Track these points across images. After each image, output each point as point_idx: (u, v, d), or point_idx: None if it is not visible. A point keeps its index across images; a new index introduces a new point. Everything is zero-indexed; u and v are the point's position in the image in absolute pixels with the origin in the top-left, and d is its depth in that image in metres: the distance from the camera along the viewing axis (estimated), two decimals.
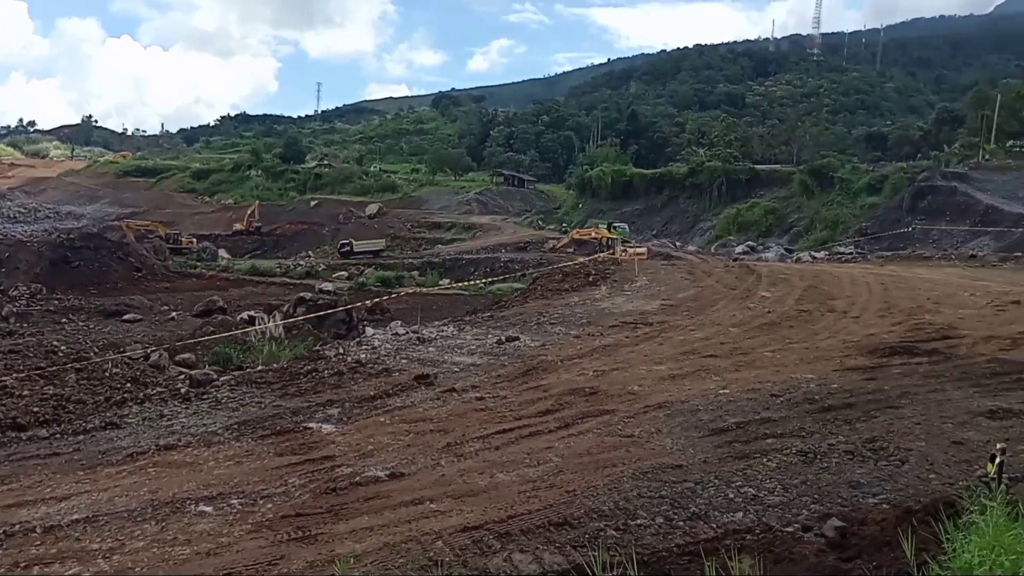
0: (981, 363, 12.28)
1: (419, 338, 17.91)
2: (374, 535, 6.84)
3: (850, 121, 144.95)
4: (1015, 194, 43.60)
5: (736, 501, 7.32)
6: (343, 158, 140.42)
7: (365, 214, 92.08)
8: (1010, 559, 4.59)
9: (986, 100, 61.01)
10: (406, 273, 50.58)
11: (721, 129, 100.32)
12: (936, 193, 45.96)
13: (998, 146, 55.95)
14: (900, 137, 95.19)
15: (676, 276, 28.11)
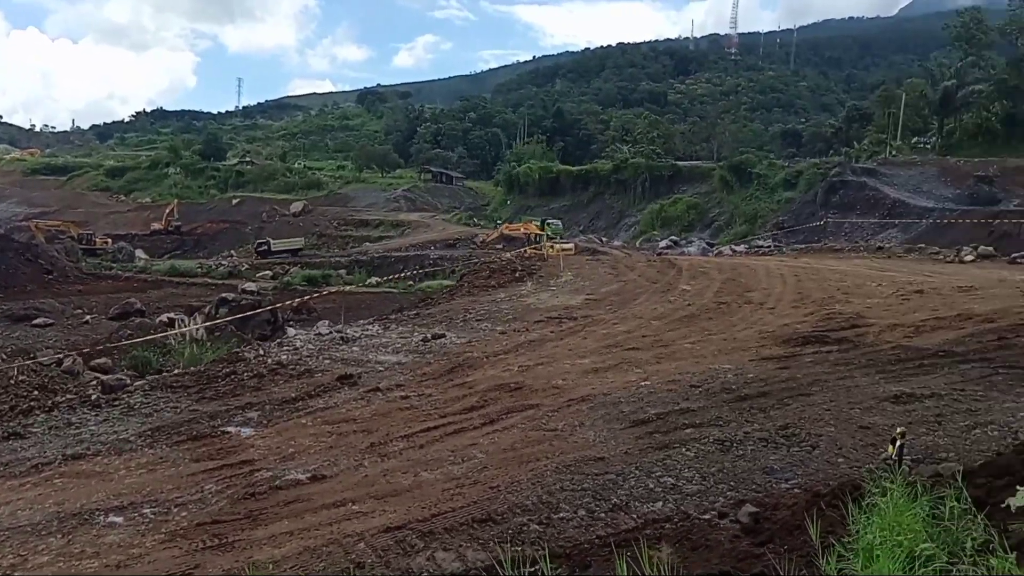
0: (887, 350, 12.79)
1: (343, 338, 17.69)
2: (294, 539, 6.71)
3: (767, 119, 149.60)
4: (920, 188, 45.59)
5: (656, 491, 7.46)
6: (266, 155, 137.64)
7: (290, 212, 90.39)
8: (908, 537, 4.79)
9: (892, 99, 63.64)
10: (333, 272, 49.80)
11: (644, 126, 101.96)
12: (847, 188, 47.69)
13: (904, 142, 58.41)
14: (814, 134, 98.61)
15: (600, 271, 28.47)
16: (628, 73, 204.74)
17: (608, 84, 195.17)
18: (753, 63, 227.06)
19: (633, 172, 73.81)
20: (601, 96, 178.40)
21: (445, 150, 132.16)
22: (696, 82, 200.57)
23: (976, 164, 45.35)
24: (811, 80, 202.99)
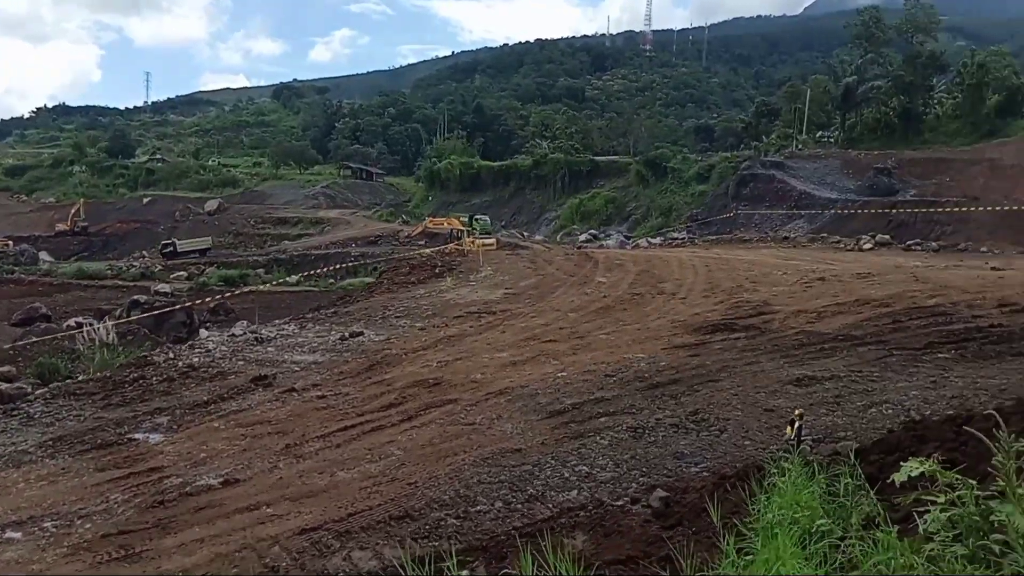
0: (791, 336, 13.32)
1: (257, 338, 17.30)
2: (205, 547, 6.58)
3: (681, 114, 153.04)
4: (824, 180, 47.37)
5: (571, 480, 7.60)
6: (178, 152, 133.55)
7: (204, 211, 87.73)
8: (805, 515, 5.00)
9: (797, 94, 65.94)
10: (251, 271, 48.71)
11: (563, 122, 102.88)
12: (757, 180, 49.16)
13: (809, 136, 60.56)
14: (725, 129, 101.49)
15: (519, 265, 28.62)
16: (546, 69, 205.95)
17: (527, 80, 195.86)
18: (667, 60, 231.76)
19: (553, 167, 74.44)
20: (520, 92, 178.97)
21: (365, 146, 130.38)
22: (613, 78, 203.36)
23: (875, 156, 47.25)
24: (722, 77, 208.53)
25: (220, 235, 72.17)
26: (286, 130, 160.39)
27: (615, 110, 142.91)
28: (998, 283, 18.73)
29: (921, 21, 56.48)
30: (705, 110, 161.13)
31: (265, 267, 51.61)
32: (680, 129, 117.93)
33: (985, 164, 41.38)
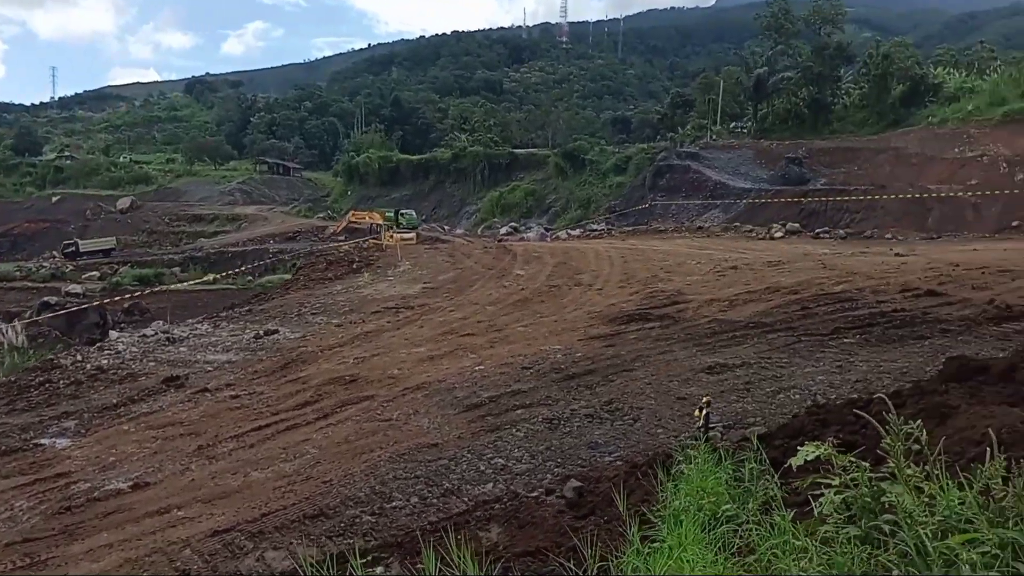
0: (703, 324, 13.60)
1: (169, 338, 17.03)
2: (114, 552, 6.42)
3: (598, 106, 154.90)
4: (738, 170, 48.68)
5: (487, 473, 7.60)
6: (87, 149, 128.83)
7: (116, 209, 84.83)
8: (711, 500, 5.10)
9: (711, 86, 67.59)
10: (166, 270, 47.70)
11: (481, 115, 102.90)
12: (673, 171, 50.15)
13: (723, 127, 62.09)
14: (642, 120, 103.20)
15: (438, 259, 28.55)
16: (464, 61, 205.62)
17: (445, 72, 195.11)
18: (584, 52, 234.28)
19: (472, 160, 74.37)
20: (438, 84, 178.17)
21: (281, 141, 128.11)
22: (530, 70, 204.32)
23: (787, 146, 48.76)
24: (638, 68, 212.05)
25: (134, 234, 70.22)
26: (200, 125, 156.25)
27: (533, 102, 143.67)
28: (901, 269, 19.55)
29: (828, 13, 58.39)
30: (622, 102, 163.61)
31: (181, 265, 50.96)
32: (597, 121, 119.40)
33: (891, 153, 43.16)
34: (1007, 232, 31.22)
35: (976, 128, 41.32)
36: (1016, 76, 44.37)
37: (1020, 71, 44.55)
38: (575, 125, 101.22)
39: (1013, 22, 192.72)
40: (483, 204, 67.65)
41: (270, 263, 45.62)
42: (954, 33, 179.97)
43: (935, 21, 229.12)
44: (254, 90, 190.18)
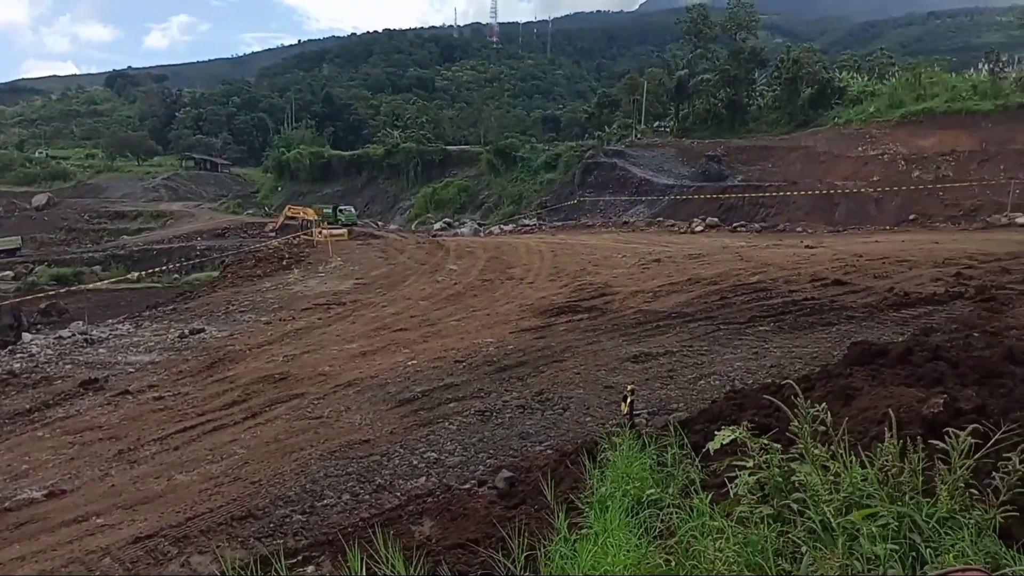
0: (629, 315, 13.94)
1: (88, 339, 16.56)
2: (27, 564, 6.25)
3: (528, 105, 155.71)
4: (662, 167, 49.67)
5: (419, 467, 7.65)
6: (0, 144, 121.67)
7: (32, 206, 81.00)
8: (635, 486, 5.27)
9: (636, 86, 68.63)
10: (86, 269, 45.90)
11: (414, 112, 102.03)
12: (600, 169, 50.85)
13: (647, 126, 63.15)
14: (570, 119, 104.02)
15: (371, 255, 28.31)
16: (396, 59, 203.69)
17: (376, 69, 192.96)
18: (514, 52, 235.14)
19: (405, 156, 73.78)
20: (370, 81, 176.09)
21: (208, 136, 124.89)
22: (461, 69, 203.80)
23: (707, 145, 50.03)
24: (566, 69, 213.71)
25: (51, 231, 67.09)
26: (121, 120, 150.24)
27: (465, 100, 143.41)
28: (811, 260, 20.33)
29: (743, 19, 60.16)
30: (551, 101, 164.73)
31: (102, 264, 49.24)
32: (528, 119, 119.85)
33: (801, 151, 44.77)
34: (905, 225, 32.99)
35: (877, 128, 43.35)
36: (912, 81, 46.79)
37: (915, 76, 46.94)
38: (506, 123, 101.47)
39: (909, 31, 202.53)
40: (416, 200, 67.21)
41: (197, 261, 44.48)
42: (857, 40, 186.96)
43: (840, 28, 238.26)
44: (179, 85, 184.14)
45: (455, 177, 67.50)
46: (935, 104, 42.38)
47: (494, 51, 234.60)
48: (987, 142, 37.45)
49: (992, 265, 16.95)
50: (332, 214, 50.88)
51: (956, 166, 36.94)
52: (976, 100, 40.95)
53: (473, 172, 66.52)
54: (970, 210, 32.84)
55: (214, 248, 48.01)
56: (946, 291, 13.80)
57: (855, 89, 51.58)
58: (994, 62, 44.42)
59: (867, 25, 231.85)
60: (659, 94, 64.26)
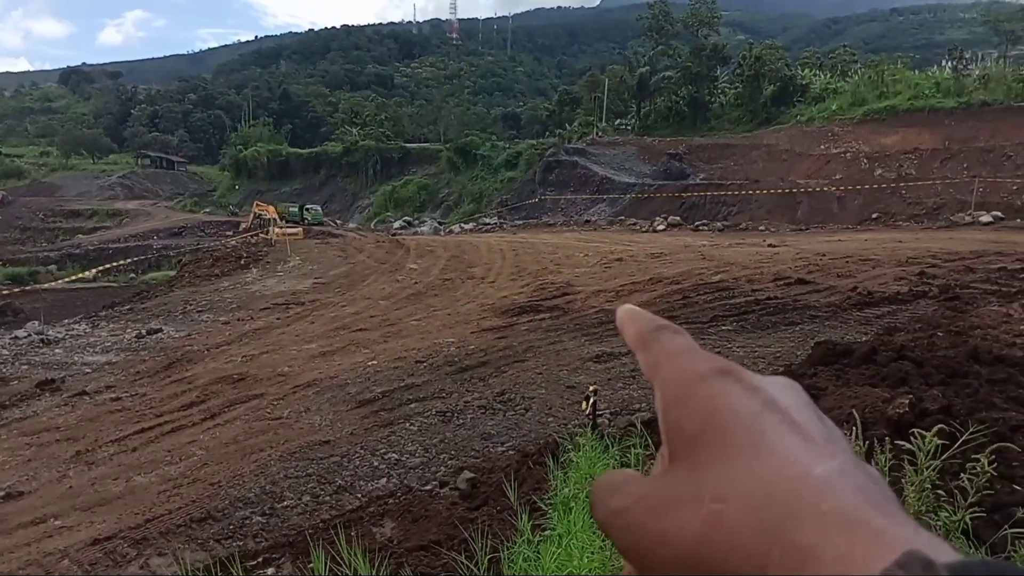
0: (591, 314, 13.98)
1: (44, 339, 16.39)
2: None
3: (488, 102, 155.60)
4: (623, 165, 49.88)
5: (380, 468, 7.61)
6: None
7: None
8: None
9: (597, 84, 68.79)
10: (41, 268, 45.12)
11: (372, 109, 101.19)
12: (562, 167, 50.88)
13: (608, 124, 63.27)
14: (531, 117, 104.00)
15: (329, 254, 28.05)
16: (354, 56, 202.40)
17: (335, 66, 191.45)
18: (474, 48, 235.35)
19: (364, 154, 73.17)
20: (328, 78, 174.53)
21: (164, 134, 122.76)
22: (421, 65, 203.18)
23: (668, 143, 50.25)
24: (527, 65, 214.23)
25: (5, 230, 65.43)
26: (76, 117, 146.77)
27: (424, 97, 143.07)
28: (773, 259, 20.55)
29: (704, 15, 60.64)
30: (512, 98, 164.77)
31: (58, 263, 48.29)
32: (488, 117, 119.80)
33: (763, 149, 45.24)
34: (868, 223, 33.42)
35: (839, 126, 43.95)
36: (874, 78, 47.38)
37: (877, 74, 47.57)
38: (467, 120, 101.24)
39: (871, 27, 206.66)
40: (376, 198, 66.71)
41: (154, 259, 43.76)
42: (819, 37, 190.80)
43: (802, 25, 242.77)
44: (135, 81, 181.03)
45: (415, 175, 67.15)
46: (898, 102, 43.02)
47: (454, 48, 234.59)
48: (950, 140, 38.08)
49: (956, 264, 17.25)
50: (298, 213, 50.19)
51: (919, 164, 37.54)
52: (939, 98, 41.63)
53: (433, 170, 66.26)
54: (933, 209, 33.34)
55: (171, 247, 47.35)
56: (910, 290, 14.03)
57: (817, 87, 52.07)
58: (957, 59, 45.04)
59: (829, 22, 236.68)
60: (620, 92, 64.50)
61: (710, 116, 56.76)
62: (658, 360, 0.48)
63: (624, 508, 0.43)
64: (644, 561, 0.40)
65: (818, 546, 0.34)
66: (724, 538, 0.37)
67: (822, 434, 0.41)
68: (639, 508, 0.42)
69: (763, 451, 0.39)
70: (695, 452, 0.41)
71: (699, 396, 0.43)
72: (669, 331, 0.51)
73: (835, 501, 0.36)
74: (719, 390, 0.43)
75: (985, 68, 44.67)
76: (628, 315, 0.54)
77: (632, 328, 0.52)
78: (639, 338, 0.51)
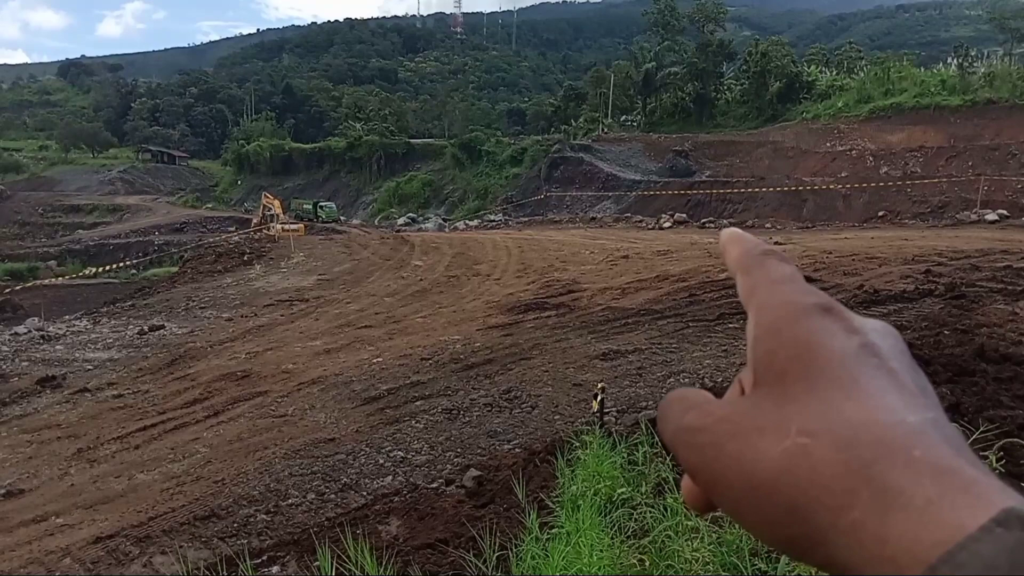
0: (597, 312, 13.90)
1: (44, 336, 16.29)
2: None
3: (493, 97, 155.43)
4: (628, 162, 49.79)
5: (386, 466, 7.58)
6: None
7: None
8: (607, 484, 5.24)
9: (602, 79, 68.52)
10: (41, 264, 45.08)
11: (376, 104, 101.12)
12: (567, 163, 50.78)
13: (614, 120, 63.06)
14: (536, 112, 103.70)
15: (333, 250, 28.02)
16: (358, 49, 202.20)
17: (338, 60, 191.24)
18: (478, 43, 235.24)
19: (368, 150, 73.03)
20: (331, 72, 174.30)
21: (165, 128, 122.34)
22: (425, 60, 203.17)
23: (674, 140, 50.19)
24: (532, 60, 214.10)
25: (3, 225, 65.46)
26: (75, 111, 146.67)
27: (429, 92, 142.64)
28: None
29: (711, 11, 60.52)
30: (516, 93, 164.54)
31: (57, 259, 48.48)
32: (493, 112, 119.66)
33: (769, 147, 45.07)
34: (874, 221, 33.29)
35: (845, 124, 43.75)
36: (880, 75, 47.12)
37: (884, 71, 47.33)
38: (471, 116, 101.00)
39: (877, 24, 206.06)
40: (380, 194, 66.59)
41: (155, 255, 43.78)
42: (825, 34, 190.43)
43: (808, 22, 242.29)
44: (134, 74, 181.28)
45: (419, 171, 67.04)
46: (903, 99, 42.75)
47: (458, 42, 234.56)
48: (955, 138, 37.86)
49: (962, 262, 17.11)
50: (312, 210, 49.72)
51: (924, 162, 37.37)
52: (945, 95, 41.37)
53: (437, 166, 66.14)
54: (938, 207, 33.22)
55: (172, 243, 47.40)
56: (916, 288, 13.90)
57: (823, 84, 51.87)
58: (963, 57, 44.68)
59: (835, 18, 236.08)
60: (626, 87, 64.25)
61: (716, 113, 56.59)
62: (758, 285, 0.48)
63: (700, 427, 0.42)
64: (715, 483, 0.41)
65: (908, 489, 0.34)
66: (807, 472, 0.37)
67: (917, 384, 0.41)
68: (718, 429, 0.41)
69: (856, 392, 0.39)
70: (784, 383, 0.41)
71: (797, 328, 0.42)
72: (775, 257, 0.50)
73: (927, 449, 0.36)
74: (818, 325, 0.42)
75: (991, 66, 44.39)
76: (732, 237, 0.53)
77: (736, 250, 0.51)
78: (742, 260, 0.50)
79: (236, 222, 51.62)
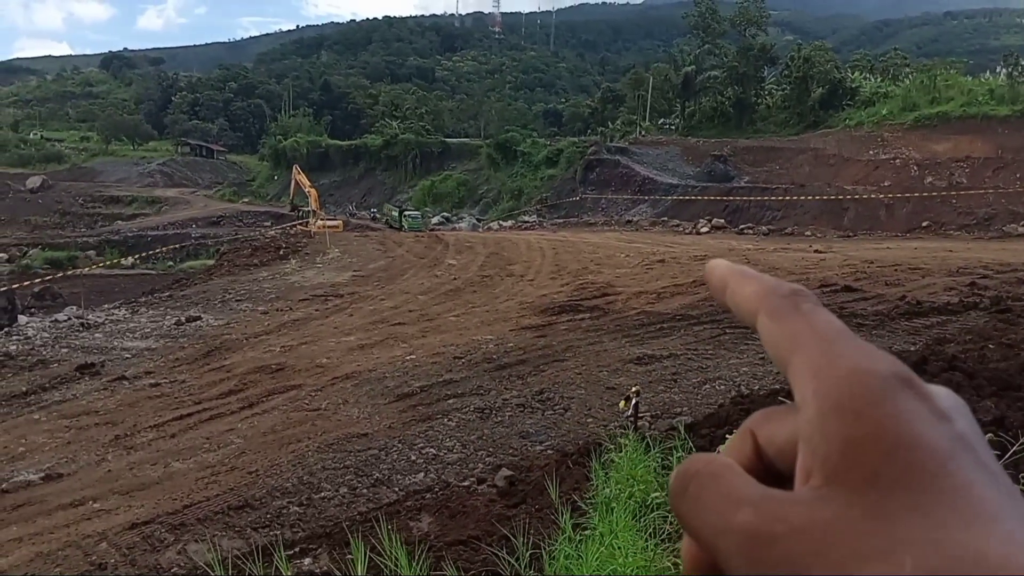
0: (632, 316, 13.81)
1: (84, 324, 16.56)
2: (24, 546, 6.24)
3: (530, 98, 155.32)
4: (666, 166, 49.50)
5: (418, 462, 7.59)
6: None
7: (26, 187, 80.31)
8: (640, 488, 5.20)
9: (641, 81, 68.27)
10: (80, 253, 45.93)
11: (413, 102, 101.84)
12: (603, 166, 50.63)
13: (652, 123, 62.77)
14: (573, 114, 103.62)
15: (368, 247, 28.21)
16: (395, 47, 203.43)
17: (376, 58, 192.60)
18: (516, 43, 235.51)
19: (403, 148, 73.49)
20: (369, 70, 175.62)
21: (204, 122, 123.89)
22: (462, 59, 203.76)
23: (713, 144, 49.79)
24: (570, 61, 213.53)
25: (45, 214, 66.80)
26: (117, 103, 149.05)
27: (465, 91, 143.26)
28: (820, 265, 20.14)
29: (752, 15, 59.87)
30: (553, 94, 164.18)
31: (96, 249, 49.28)
32: (529, 113, 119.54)
33: (810, 153, 44.46)
34: (917, 232, 32.63)
35: (889, 132, 42.99)
36: (927, 83, 46.20)
37: (930, 78, 46.37)
38: (507, 116, 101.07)
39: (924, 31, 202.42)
40: (415, 193, 66.97)
41: (192, 248, 44.42)
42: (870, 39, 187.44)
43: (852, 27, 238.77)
44: (175, 68, 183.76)
45: (454, 170, 67.30)
46: (950, 108, 41.89)
47: (496, 42, 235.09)
48: (1003, 149, 37.03)
49: (1008, 275, 16.72)
50: (397, 218, 46.44)
51: (970, 173, 36.52)
52: (992, 105, 40.50)
53: (472, 166, 66.31)
54: (984, 219, 32.46)
55: (209, 236, 47.98)
56: (960, 301, 13.60)
57: (867, 90, 51.09)
58: (1012, 65, 43.59)
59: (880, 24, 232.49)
60: (665, 90, 63.92)
61: (756, 118, 56.02)
62: (801, 338, 0.39)
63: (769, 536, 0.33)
64: None
65: None
66: None
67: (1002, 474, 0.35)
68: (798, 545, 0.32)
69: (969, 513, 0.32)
70: (878, 489, 0.33)
71: (882, 412, 0.34)
72: (809, 300, 0.41)
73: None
74: (904, 410, 0.34)
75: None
76: (730, 270, 0.44)
77: (750, 286, 0.42)
78: (768, 302, 0.41)
79: (272, 216, 52.18)
